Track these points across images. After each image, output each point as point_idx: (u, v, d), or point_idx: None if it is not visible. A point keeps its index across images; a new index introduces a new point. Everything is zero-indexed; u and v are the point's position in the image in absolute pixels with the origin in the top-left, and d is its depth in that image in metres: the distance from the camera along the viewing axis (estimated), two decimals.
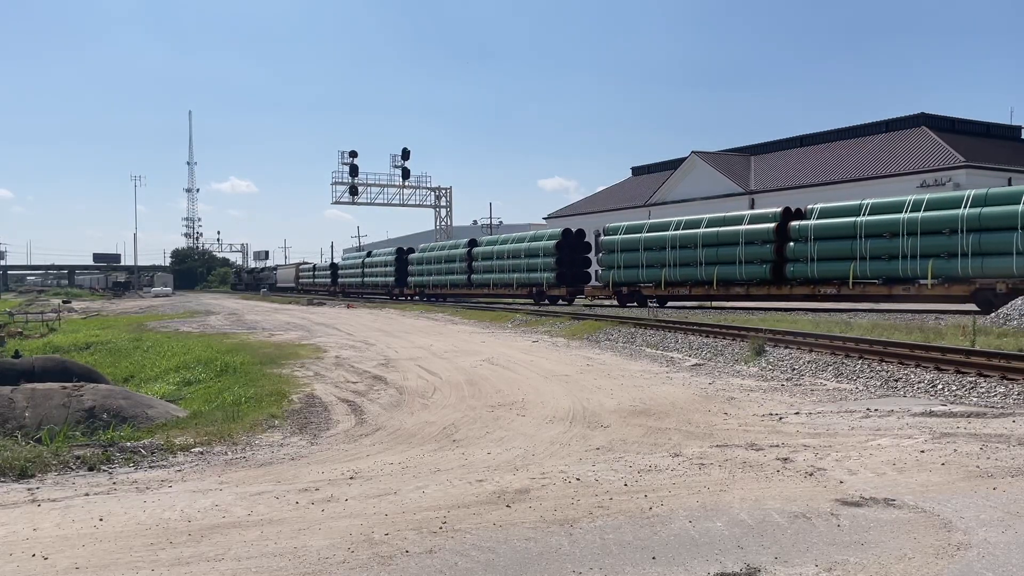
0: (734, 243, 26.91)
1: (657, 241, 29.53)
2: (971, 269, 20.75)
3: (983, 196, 21.17)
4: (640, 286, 30.14)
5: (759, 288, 26.06)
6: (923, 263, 21.63)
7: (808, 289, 24.69)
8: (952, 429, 7.79)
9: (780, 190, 47.67)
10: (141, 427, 9.27)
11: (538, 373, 13.14)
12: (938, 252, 21.41)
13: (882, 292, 22.78)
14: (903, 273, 22.23)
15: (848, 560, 4.29)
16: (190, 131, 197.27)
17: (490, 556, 4.43)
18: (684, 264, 28.41)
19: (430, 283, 46.27)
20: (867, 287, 23.16)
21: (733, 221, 27.64)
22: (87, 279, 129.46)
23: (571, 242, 35.18)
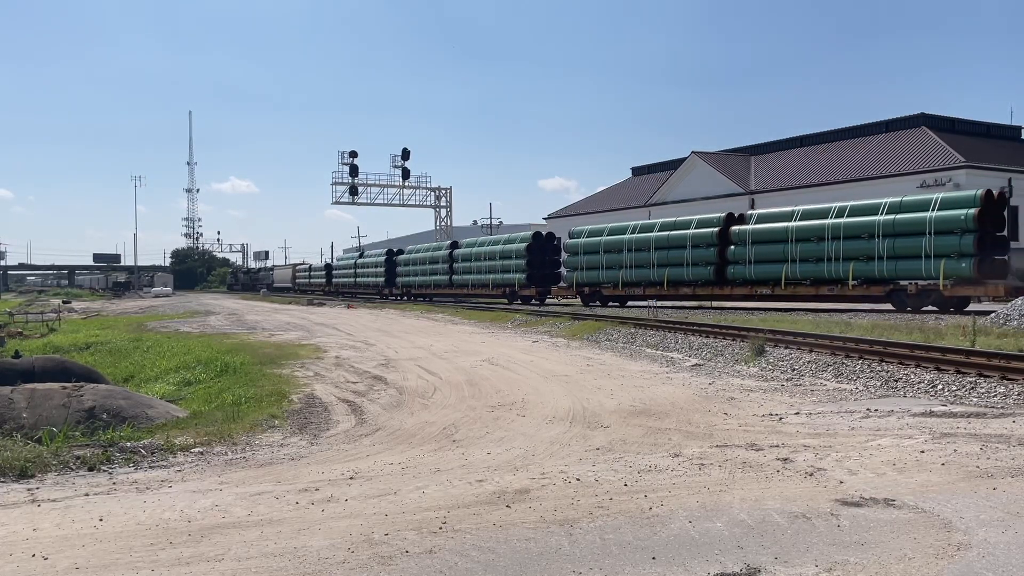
0: (682, 246, 28.72)
1: (616, 244, 31.45)
2: (886, 271, 22.60)
3: (898, 204, 23.06)
4: (601, 287, 31.98)
5: (704, 288, 27.86)
6: (846, 265, 23.36)
7: (746, 290, 26.39)
8: (952, 429, 7.79)
9: (780, 190, 47.68)
10: (141, 427, 9.27)
11: (538, 373, 13.14)
12: (859, 255, 23.17)
13: (810, 292, 24.48)
14: (828, 275, 23.90)
15: (848, 560, 4.29)
16: (190, 131, 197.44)
17: (490, 556, 4.43)
18: (639, 266, 30.25)
19: (416, 283, 48.41)
20: (797, 288, 24.85)
21: (682, 225, 29.40)
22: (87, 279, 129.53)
23: (541, 245, 37.30)
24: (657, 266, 29.49)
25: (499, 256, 39.13)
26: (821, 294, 24.17)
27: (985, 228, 21.37)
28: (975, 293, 21.92)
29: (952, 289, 21.25)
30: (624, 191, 64.42)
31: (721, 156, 55.71)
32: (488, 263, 40.16)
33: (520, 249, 37.42)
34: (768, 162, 53.21)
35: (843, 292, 23.55)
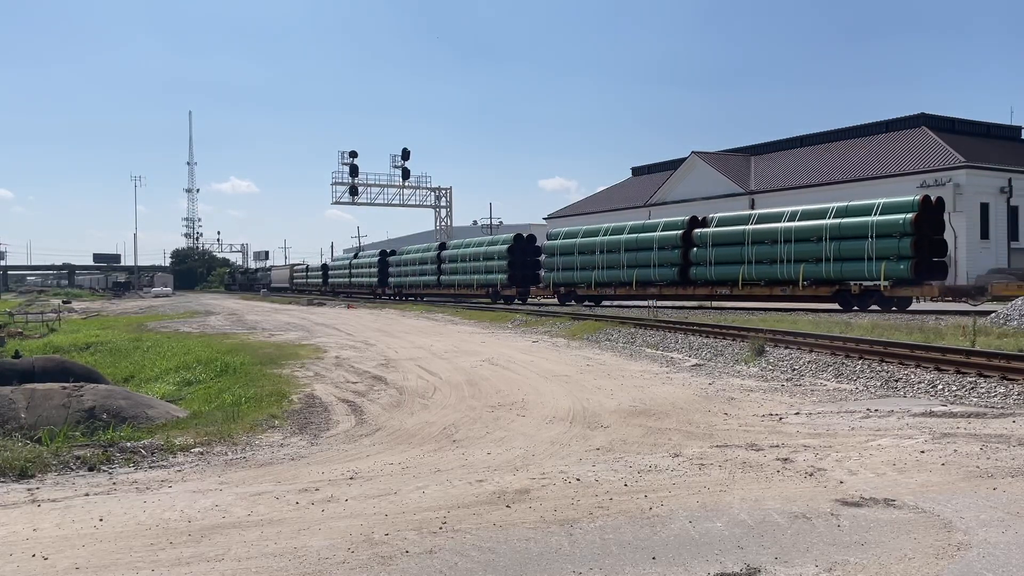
0: (649, 248, 30.19)
1: (589, 246, 33.05)
2: (833, 272, 24.03)
3: (844, 208, 24.64)
4: (576, 287, 33.62)
5: (669, 288, 29.37)
6: (797, 267, 24.87)
7: (708, 290, 27.85)
8: (952, 429, 7.79)
9: (780, 190, 47.67)
10: (141, 427, 9.27)
11: (538, 373, 13.14)
12: (808, 257, 24.68)
13: (765, 292, 26.00)
14: (781, 276, 25.41)
15: (848, 560, 4.29)
16: (190, 131, 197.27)
17: (490, 556, 4.43)
18: (610, 267, 31.75)
19: (407, 283, 49.92)
20: (753, 288, 26.31)
21: (650, 228, 31.07)
22: (87, 279, 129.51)
23: (523, 246, 38.65)
24: (627, 267, 30.91)
25: (483, 257, 40.52)
26: (775, 294, 25.55)
27: (922, 232, 22.61)
28: (912, 293, 23.07)
29: (892, 289, 22.61)
30: (624, 191, 64.42)
31: (721, 156, 55.71)
32: (473, 264, 41.53)
33: (502, 251, 38.84)
34: (768, 162, 53.21)
35: (794, 292, 24.94)
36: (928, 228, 23.09)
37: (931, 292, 22.80)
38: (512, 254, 38.35)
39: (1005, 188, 40.62)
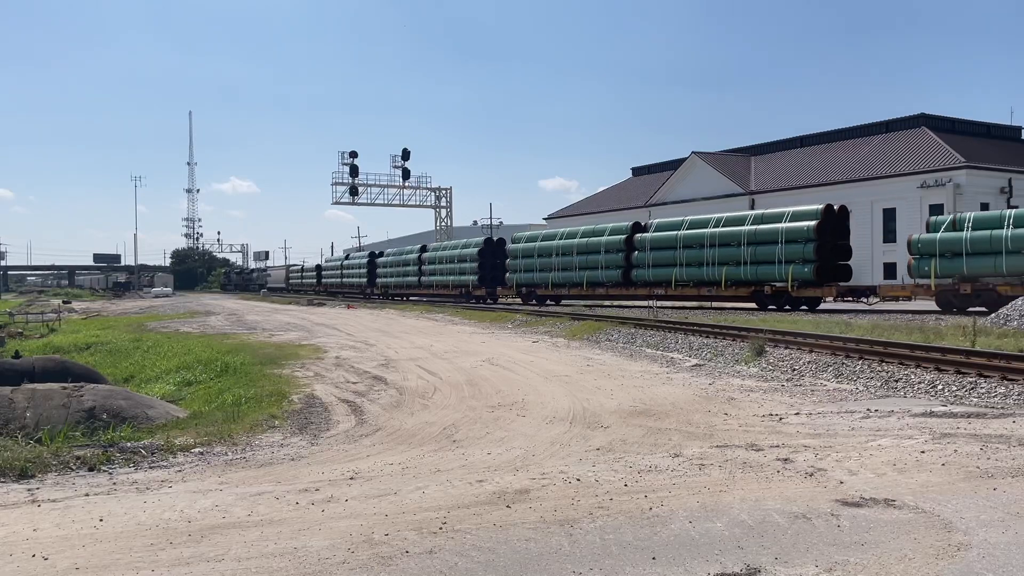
0: (598, 252, 32.60)
1: (547, 249, 35.65)
2: (750, 275, 26.36)
3: (760, 216, 27.17)
4: (536, 287, 36.04)
5: (615, 289, 31.72)
6: (720, 269, 27.14)
7: (646, 290, 29.75)
8: (952, 430, 7.79)
9: (780, 190, 47.71)
10: (141, 427, 9.27)
11: (538, 373, 13.14)
12: (729, 261, 27.01)
13: (694, 293, 28.44)
14: (707, 278, 27.72)
15: (848, 560, 4.29)
16: (190, 131, 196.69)
17: (490, 556, 4.43)
18: (565, 269, 34.17)
19: (392, 283, 52.74)
20: (684, 289, 28.61)
21: (599, 233, 33.44)
22: (87, 279, 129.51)
23: (493, 249, 40.95)
24: (579, 269, 33.37)
25: (457, 260, 43.18)
26: (702, 294, 28.03)
27: (825, 238, 24.92)
28: (814, 294, 25.05)
29: (798, 290, 24.94)
30: (624, 191, 64.44)
31: (721, 156, 55.73)
32: (448, 266, 44.24)
33: (473, 253, 41.50)
34: (768, 162, 53.22)
35: (718, 293, 27.37)
36: (832, 235, 25.32)
37: (830, 293, 24.74)
38: (482, 256, 40.83)
39: (1005, 188, 40.63)
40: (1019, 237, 20.76)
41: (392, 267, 52.97)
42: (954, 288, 22.29)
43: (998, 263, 21.11)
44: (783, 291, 25.15)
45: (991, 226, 21.64)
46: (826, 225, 25.13)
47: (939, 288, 22.49)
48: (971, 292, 21.75)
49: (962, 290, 22.03)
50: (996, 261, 21.16)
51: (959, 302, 21.97)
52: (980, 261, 21.58)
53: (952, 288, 22.33)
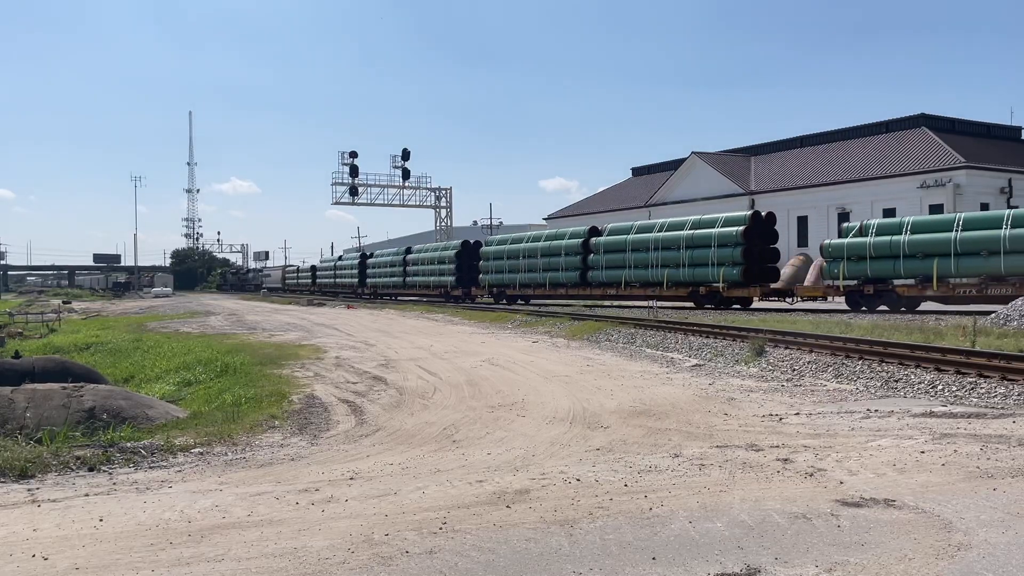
0: (559, 254, 34.79)
1: (514, 252, 37.93)
2: (687, 276, 28.31)
3: (698, 221, 29.08)
4: (506, 287, 38.34)
5: (574, 289, 33.82)
6: (663, 271, 29.20)
7: (601, 291, 32.17)
8: (952, 430, 7.79)
9: (780, 190, 47.70)
10: (141, 428, 9.27)
11: (538, 374, 13.14)
12: (671, 263, 28.97)
13: (640, 293, 30.24)
14: (652, 279, 29.71)
15: (848, 560, 4.29)
16: (190, 131, 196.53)
17: (490, 557, 4.43)
18: (530, 271, 36.51)
19: (380, 284, 54.88)
20: (633, 289, 30.62)
21: (560, 236, 35.95)
22: (87, 279, 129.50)
23: (470, 251, 42.96)
24: (542, 270, 35.71)
25: (437, 261, 45.59)
26: (648, 295, 29.62)
27: (752, 242, 26.72)
28: (742, 294, 26.83)
29: (728, 291, 26.77)
30: (624, 191, 64.43)
31: (721, 156, 55.72)
32: (429, 267, 46.64)
33: (451, 255, 43.89)
34: (768, 162, 53.22)
35: (661, 293, 29.14)
36: (759, 239, 27.21)
37: (756, 293, 26.57)
38: (459, 259, 43.03)
39: (1005, 188, 40.63)
40: (915, 242, 22.61)
41: (381, 268, 55.27)
42: (860, 289, 23.98)
43: (897, 266, 23.02)
44: (716, 291, 27.14)
45: (892, 232, 23.54)
46: (754, 230, 27.01)
47: (847, 289, 24.25)
48: (874, 293, 23.64)
49: (866, 291, 23.81)
50: (896, 264, 23.03)
51: (864, 302, 23.80)
52: (882, 264, 23.40)
53: (858, 289, 24.02)
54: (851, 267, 24.03)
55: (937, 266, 21.83)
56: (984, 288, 21.26)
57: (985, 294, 21.15)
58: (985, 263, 21.11)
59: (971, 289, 21.74)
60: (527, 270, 36.72)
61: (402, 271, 50.55)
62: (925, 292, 22.44)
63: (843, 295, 24.39)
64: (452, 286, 43.37)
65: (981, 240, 21.22)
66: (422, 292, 47.51)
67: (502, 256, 38.92)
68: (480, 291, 41.11)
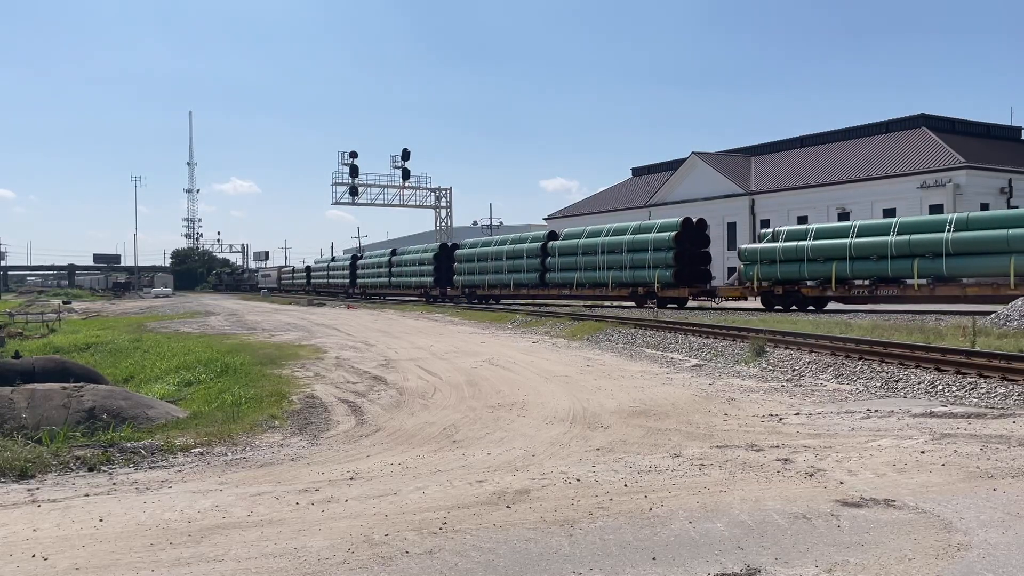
0: (521, 257, 37.61)
1: (484, 255, 40.99)
2: (628, 278, 30.81)
3: (638, 227, 31.86)
4: (476, 288, 41.43)
5: (534, 290, 36.94)
6: (608, 274, 31.70)
7: (556, 291, 35.30)
8: (952, 430, 7.79)
9: (780, 191, 47.73)
10: (141, 428, 9.27)
11: (538, 374, 13.14)
12: (615, 266, 31.44)
13: (590, 293, 33.01)
14: (599, 280, 32.28)
15: (848, 561, 4.29)
16: (190, 131, 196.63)
17: (490, 557, 4.43)
18: (496, 272, 39.57)
19: (369, 284, 57.60)
20: (583, 289, 33.33)
21: (522, 240, 38.79)
22: (87, 279, 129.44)
23: (447, 254, 45.82)
24: (507, 272, 38.65)
25: (418, 263, 48.63)
26: (596, 295, 32.61)
27: (684, 246, 29.22)
28: (674, 294, 29.06)
29: (662, 291, 28.99)
30: (624, 191, 64.44)
31: (721, 156, 55.73)
32: (411, 268, 49.66)
33: (430, 257, 46.97)
34: (768, 162, 53.23)
35: (607, 293, 31.97)
36: (691, 244, 29.59)
37: (684, 293, 28.87)
38: (437, 261, 45.96)
39: (1005, 188, 40.63)
40: (817, 247, 25.01)
41: (369, 269, 58.16)
42: (771, 289, 26.45)
43: (802, 269, 25.55)
44: (652, 291, 29.28)
45: (799, 238, 26.06)
46: (685, 235, 29.50)
47: (760, 289, 26.78)
48: (783, 293, 26.13)
49: (776, 291, 26.29)
50: (801, 268, 25.57)
51: (776, 301, 26.26)
52: (790, 267, 25.91)
53: (770, 289, 26.50)
54: (764, 270, 26.57)
55: (835, 269, 24.33)
56: (874, 289, 23.57)
57: (875, 295, 23.55)
58: (875, 266, 23.48)
59: (864, 290, 24.00)
60: (494, 272, 39.70)
61: (388, 272, 53.31)
62: (826, 293, 24.94)
63: (757, 295, 26.94)
64: (431, 286, 46.20)
65: (871, 246, 23.60)
66: (405, 292, 50.34)
67: (473, 259, 41.95)
68: (455, 291, 43.67)
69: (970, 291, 21.76)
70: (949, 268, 21.92)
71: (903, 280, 22.99)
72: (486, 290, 40.51)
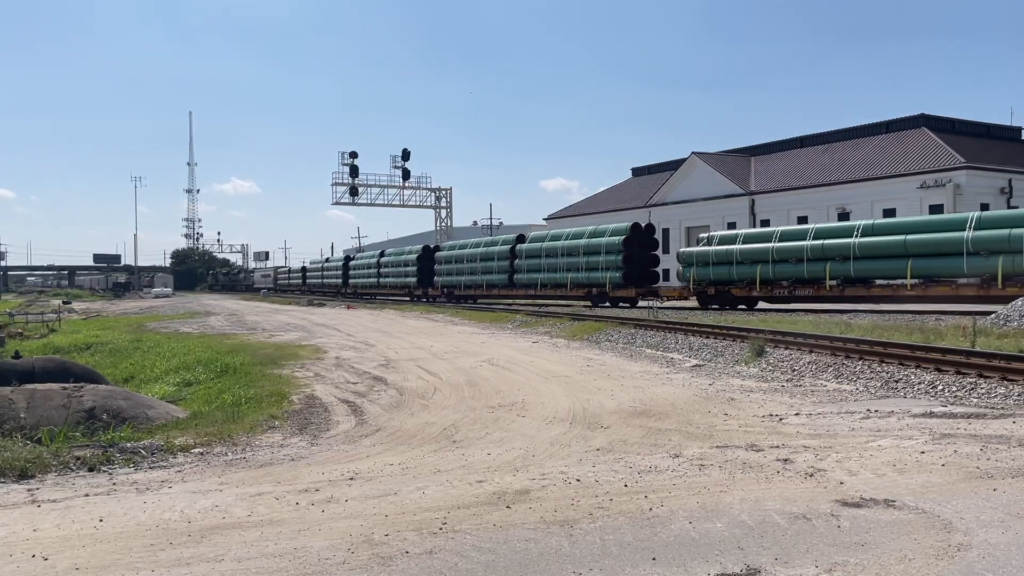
0: (492, 259, 40.23)
1: (460, 257, 43.84)
2: (584, 280, 33.20)
3: (594, 231, 34.35)
4: (454, 288, 44.09)
5: (504, 290, 39.67)
6: (567, 275, 34.18)
7: (524, 291, 37.86)
8: (952, 430, 7.79)
9: (780, 191, 47.71)
10: (141, 428, 9.27)
11: (538, 374, 13.14)
12: (573, 268, 33.92)
13: (551, 292, 35.75)
14: (560, 281, 34.77)
15: (848, 561, 4.29)
16: (190, 131, 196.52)
17: (490, 557, 4.43)
18: (471, 273, 42.22)
19: (360, 284, 60.29)
20: (546, 290, 35.94)
21: (494, 243, 41.56)
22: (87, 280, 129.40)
23: (430, 256, 48.50)
24: (481, 273, 41.21)
25: (403, 264, 51.57)
26: (556, 294, 35.21)
27: (632, 249, 31.53)
28: (623, 295, 31.18)
29: (613, 291, 31.36)
30: (624, 192, 64.42)
31: (721, 157, 55.71)
32: (397, 269, 52.55)
33: (413, 259, 49.82)
34: (768, 163, 53.20)
35: (565, 293, 34.53)
36: (640, 247, 31.90)
37: (631, 293, 30.92)
38: (420, 262, 48.61)
39: (1005, 188, 40.62)
40: (745, 251, 27.25)
41: (360, 270, 60.83)
42: (705, 290, 28.61)
43: (731, 271, 27.66)
44: (604, 292, 31.70)
45: (729, 242, 28.22)
46: (633, 239, 31.79)
47: (695, 289, 28.99)
48: (715, 293, 28.26)
49: (709, 292, 28.43)
50: (730, 270, 27.69)
51: (709, 300, 28.38)
52: (721, 269, 28.04)
53: (704, 290, 28.64)
54: (699, 271, 28.73)
55: (760, 271, 26.56)
56: (793, 289, 25.91)
57: (794, 295, 25.91)
58: (794, 269, 25.79)
59: (784, 290, 26.23)
60: (469, 273, 42.37)
61: (377, 273, 55.93)
62: (752, 293, 27.01)
63: (694, 295, 29.15)
64: (414, 286, 49.09)
65: (790, 250, 25.92)
66: (392, 291, 53.20)
67: (451, 260, 44.73)
68: (435, 291, 46.30)
69: (874, 291, 23.99)
70: (856, 270, 24.09)
71: (819, 281, 24.96)
72: (462, 290, 43.03)
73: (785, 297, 26.23)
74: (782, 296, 26.34)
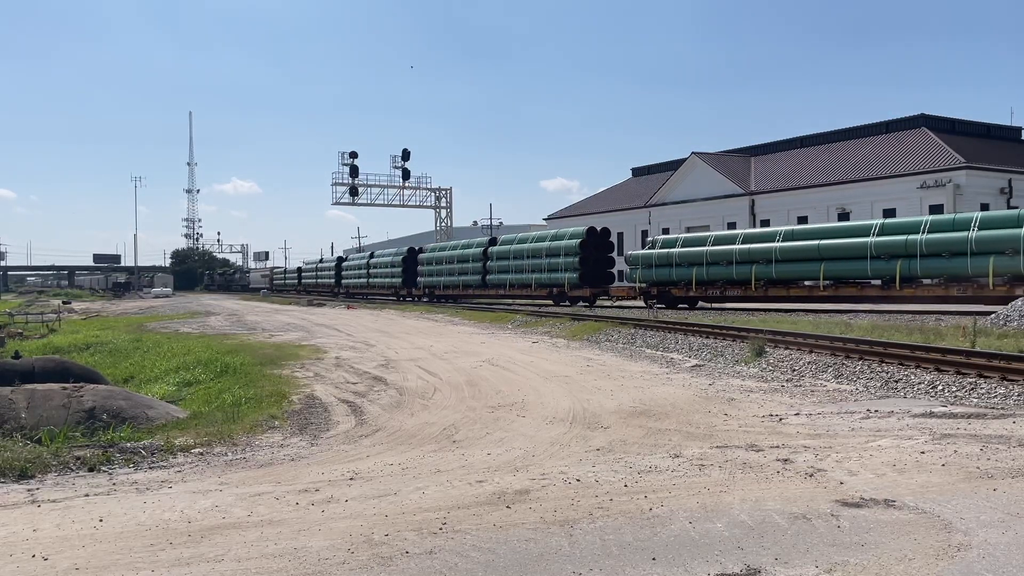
0: (467, 261, 42.69)
1: (439, 259, 46.50)
2: (547, 280, 35.53)
3: (555, 234, 36.94)
4: (435, 288, 46.58)
5: (477, 290, 42.06)
6: (532, 275, 36.53)
7: (495, 291, 40.29)
8: (952, 430, 7.79)
9: (780, 191, 47.70)
10: (141, 428, 9.27)
11: (538, 374, 13.14)
12: (537, 269, 36.23)
13: (518, 292, 37.94)
14: (525, 282, 37.12)
15: (848, 561, 4.29)
16: (190, 131, 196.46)
17: (490, 557, 4.43)
18: (449, 274, 44.77)
19: (352, 284, 62.48)
20: (514, 290, 38.23)
21: (469, 246, 43.69)
22: (87, 280, 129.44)
23: (415, 257, 50.53)
24: (458, 274, 43.67)
25: (390, 265, 53.76)
26: (522, 293, 37.64)
27: (588, 252, 33.63)
28: (579, 294, 33.20)
29: (571, 291, 33.51)
30: (624, 192, 64.40)
31: (721, 157, 55.69)
32: (384, 270, 54.93)
33: (399, 260, 52.00)
34: (768, 163, 53.18)
35: (530, 293, 36.80)
36: (596, 249, 33.99)
37: (586, 292, 32.80)
38: (406, 263, 50.74)
39: (1005, 188, 40.61)
40: (683, 254, 29.29)
41: (351, 271, 63.08)
42: (648, 290, 30.55)
43: (671, 273, 29.69)
44: (563, 291, 33.89)
45: (670, 246, 30.33)
46: (589, 242, 33.90)
47: (641, 290, 30.96)
48: (657, 293, 30.10)
49: (652, 292, 30.33)
50: (670, 271, 29.73)
51: (653, 300, 29.84)
52: (662, 271, 30.14)
53: (648, 290, 30.60)
54: (643, 273, 30.78)
55: (695, 273, 28.61)
56: (724, 290, 27.81)
57: (725, 295, 27.81)
58: (725, 271, 27.70)
59: (717, 291, 28.14)
60: (448, 274, 44.85)
61: (366, 273, 58.03)
62: (688, 293, 29.04)
63: (640, 295, 30.89)
64: (400, 287, 51.31)
65: (722, 253, 27.88)
66: (380, 291, 55.42)
67: (432, 262, 47.21)
68: (418, 291, 48.56)
69: (792, 291, 25.91)
70: (778, 272, 26.09)
71: (747, 283, 26.66)
72: (442, 290, 45.47)
73: (719, 297, 28.15)
74: (716, 296, 28.24)
